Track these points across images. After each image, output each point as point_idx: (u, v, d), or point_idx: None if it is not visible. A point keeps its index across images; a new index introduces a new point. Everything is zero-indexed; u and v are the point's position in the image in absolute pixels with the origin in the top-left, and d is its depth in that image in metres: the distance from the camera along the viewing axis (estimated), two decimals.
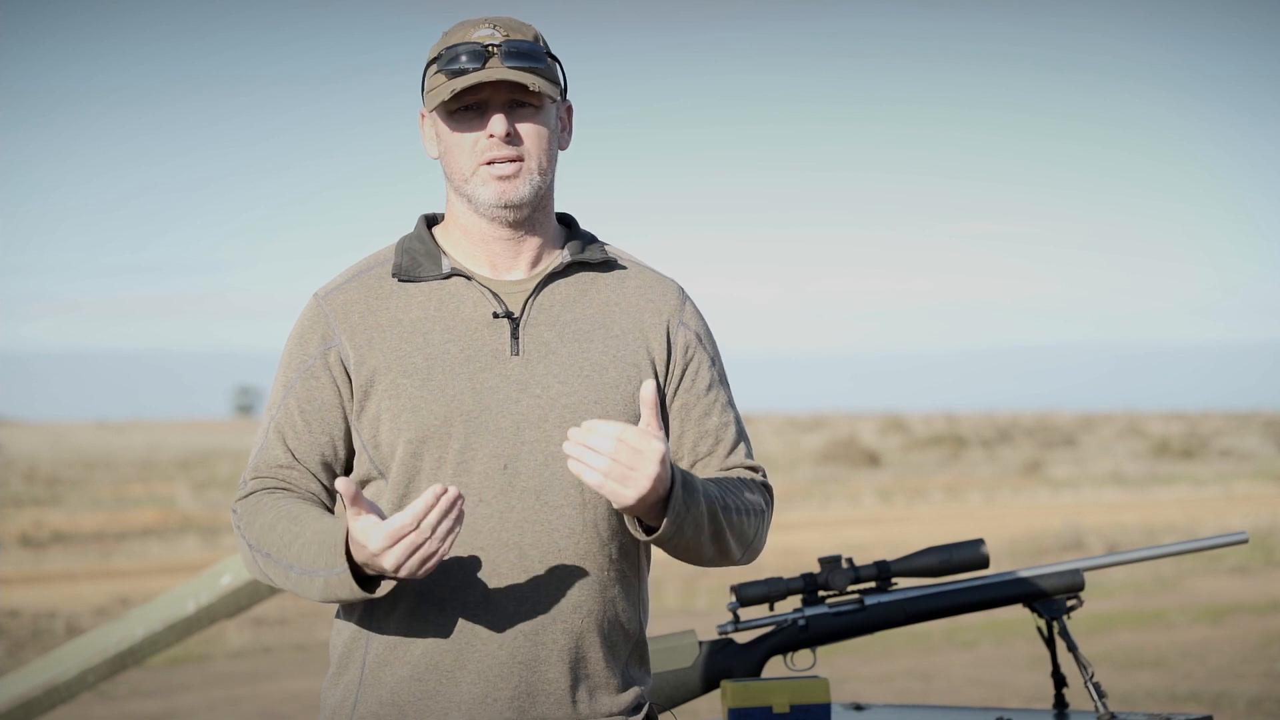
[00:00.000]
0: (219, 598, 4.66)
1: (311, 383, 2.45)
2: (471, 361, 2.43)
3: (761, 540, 2.50)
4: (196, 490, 26.77)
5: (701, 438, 2.51)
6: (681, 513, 2.33)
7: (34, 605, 12.86)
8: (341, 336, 2.45)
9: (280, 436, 2.45)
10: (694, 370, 2.52)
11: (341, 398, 2.45)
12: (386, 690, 2.41)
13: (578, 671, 2.42)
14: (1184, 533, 17.36)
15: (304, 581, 2.35)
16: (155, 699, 9.21)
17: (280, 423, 2.46)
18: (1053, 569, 3.48)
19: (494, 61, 2.42)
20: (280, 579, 2.39)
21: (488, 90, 2.43)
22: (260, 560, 2.40)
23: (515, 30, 2.45)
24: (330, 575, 2.31)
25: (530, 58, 2.43)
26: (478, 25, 2.45)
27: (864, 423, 55.84)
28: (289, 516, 2.38)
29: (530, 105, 2.45)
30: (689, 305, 2.56)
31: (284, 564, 2.36)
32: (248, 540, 2.41)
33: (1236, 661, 9.87)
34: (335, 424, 2.45)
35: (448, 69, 2.43)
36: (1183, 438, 41.67)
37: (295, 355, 2.48)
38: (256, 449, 2.48)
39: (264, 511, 2.40)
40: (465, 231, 2.50)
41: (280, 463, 2.45)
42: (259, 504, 2.42)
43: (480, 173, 2.44)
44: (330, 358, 2.45)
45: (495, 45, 2.42)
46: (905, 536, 17.15)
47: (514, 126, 2.44)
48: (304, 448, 2.44)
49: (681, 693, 3.41)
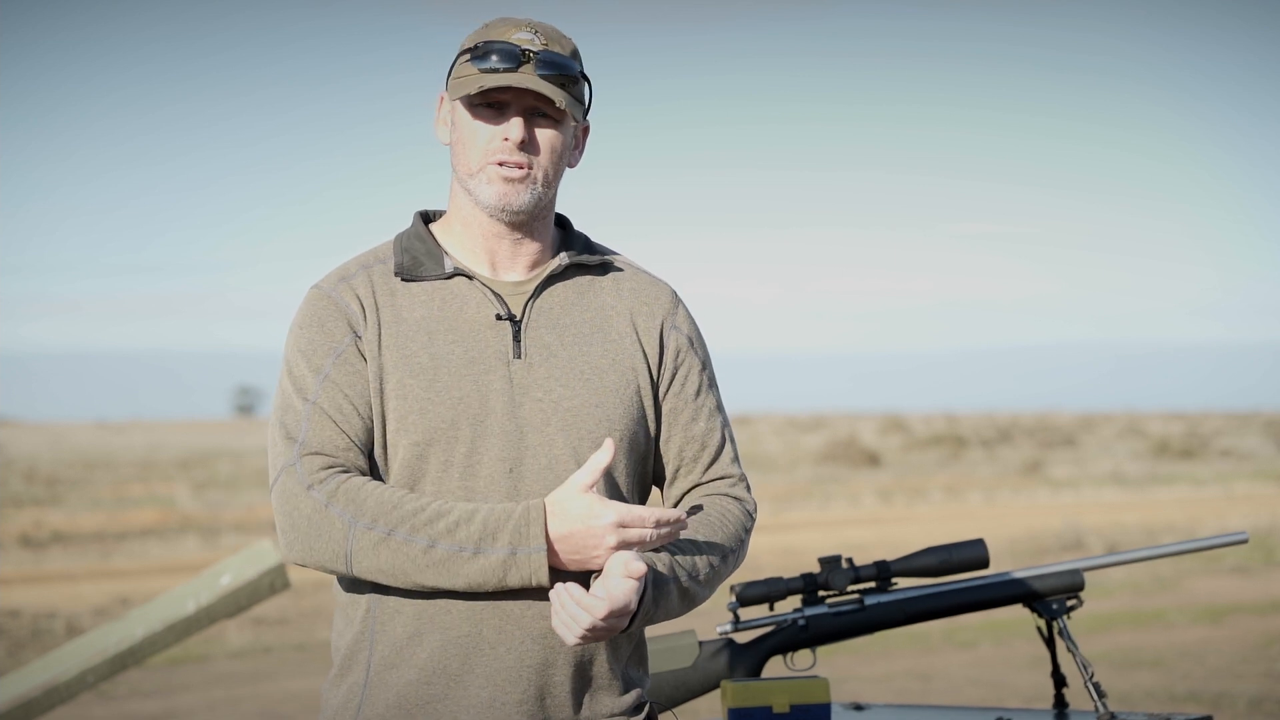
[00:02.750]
0: (219, 598, 4.66)
1: (347, 368, 2.42)
2: (476, 364, 2.43)
3: (739, 562, 2.53)
4: (196, 490, 26.76)
5: (688, 442, 2.52)
6: (650, 611, 2.37)
7: (34, 605, 12.86)
8: (361, 328, 2.44)
9: (329, 419, 2.40)
10: (684, 374, 2.53)
11: (369, 385, 2.43)
12: (393, 693, 2.40)
13: (584, 674, 2.42)
14: (1184, 533, 17.36)
15: (452, 561, 2.32)
16: (155, 699, 9.21)
17: (325, 406, 2.41)
18: (1052, 569, 3.48)
19: (527, 68, 2.41)
20: (398, 559, 2.33)
21: (512, 93, 2.43)
22: (368, 540, 2.33)
23: (555, 41, 2.45)
24: (516, 554, 2.32)
25: (563, 71, 2.43)
26: (520, 26, 2.45)
27: (864, 423, 55.84)
28: (413, 498, 2.35)
29: (550, 117, 2.45)
30: (681, 309, 2.57)
31: (420, 542, 2.33)
32: (349, 517, 2.34)
33: (1236, 662, 9.87)
34: (374, 409, 2.42)
35: (480, 64, 2.42)
36: (1183, 438, 41.67)
37: (320, 343, 2.44)
38: (301, 430, 2.41)
39: (370, 489, 2.36)
40: (466, 225, 2.50)
41: (339, 444, 2.40)
42: (355, 481, 2.37)
43: (487, 171, 2.44)
44: (361, 346, 2.44)
45: (532, 51, 2.42)
46: (905, 536, 17.15)
47: (530, 133, 2.44)
48: (356, 430, 2.41)
49: (681, 693, 3.41)
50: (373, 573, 2.36)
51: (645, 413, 2.49)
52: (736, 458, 2.56)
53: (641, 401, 2.48)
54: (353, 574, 2.37)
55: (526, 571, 2.33)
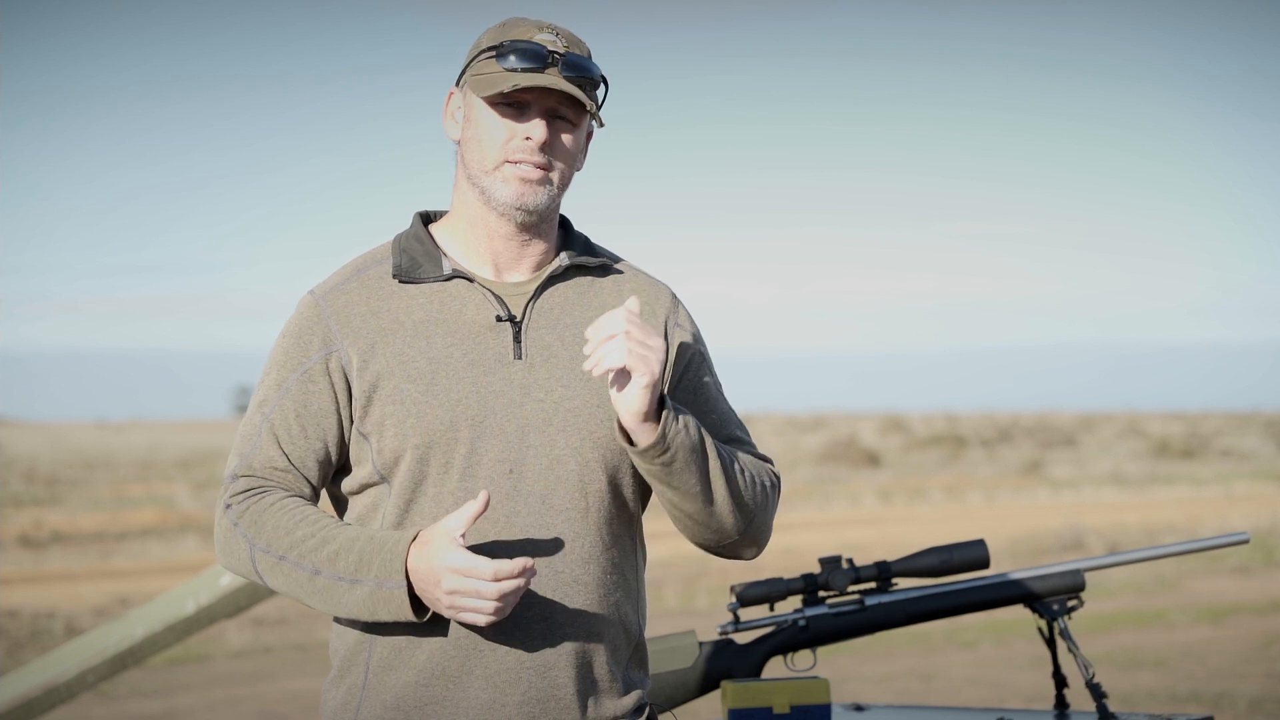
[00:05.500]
0: (219, 598, 4.65)
1: (309, 386, 2.43)
2: (475, 366, 2.43)
3: (767, 517, 2.47)
4: (196, 490, 26.75)
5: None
6: (673, 426, 2.32)
7: (34, 605, 12.86)
8: (343, 341, 2.43)
9: (274, 438, 2.42)
10: (693, 371, 2.52)
11: (339, 403, 2.43)
12: (391, 695, 2.40)
13: (584, 676, 2.41)
14: (1184, 533, 17.36)
15: (333, 590, 2.32)
16: (155, 699, 9.20)
17: (275, 424, 2.43)
18: (1053, 569, 3.47)
19: (553, 70, 2.41)
20: (290, 584, 2.35)
21: (535, 94, 2.43)
22: (265, 562, 2.36)
23: (574, 44, 2.45)
24: (381, 588, 2.29)
25: (587, 74, 2.43)
26: (541, 28, 2.44)
27: (864, 423, 55.83)
28: (310, 521, 2.36)
29: (568, 120, 2.45)
30: (681, 308, 2.57)
31: (306, 569, 2.33)
32: (250, 540, 2.38)
33: (1237, 662, 9.87)
34: (330, 429, 2.43)
35: (506, 63, 2.41)
36: (1183, 438, 41.66)
37: (292, 355, 2.45)
38: (247, 445, 2.44)
39: (273, 512, 2.37)
40: (471, 224, 2.48)
41: (275, 465, 2.42)
42: (264, 503, 2.39)
43: (504, 170, 2.43)
44: (331, 363, 2.43)
45: (558, 53, 2.42)
46: (905, 537, 17.15)
47: (551, 136, 2.43)
48: (299, 452, 2.42)
49: (681, 693, 3.41)
50: (282, 592, 2.38)
51: None
52: (754, 445, 2.55)
53: None
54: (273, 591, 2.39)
55: (393, 605, 2.30)
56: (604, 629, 2.43)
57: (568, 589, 2.39)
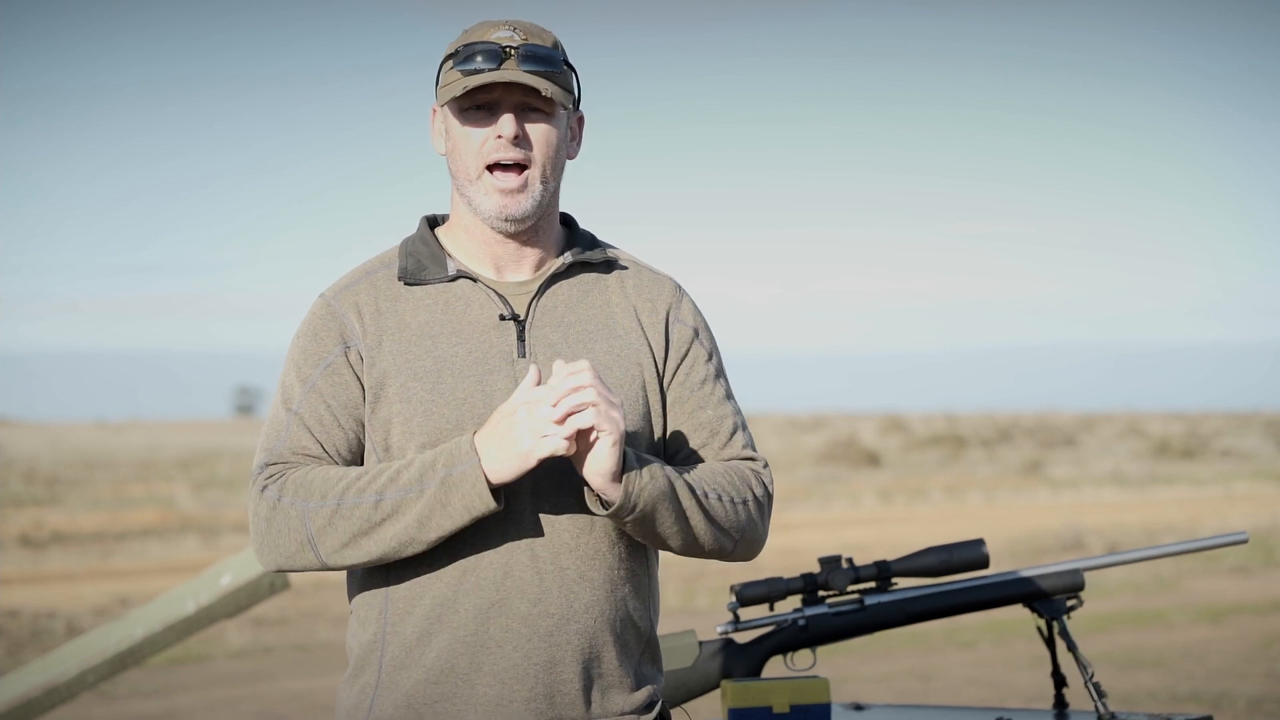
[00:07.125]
0: (219, 598, 4.66)
1: (334, 379, 2.44)
2: (480, 364, 2.44)
3: (756, 531, 2.48)
4: (196, 490, 26.76)
5: (696, 430, 2.51)
6: (636, 483, 2.32)
7: (34, 605, 12.86)
8: (357, 337, 2.45)
9: (306, 429, 2.43)
10: (689, 364, 2.53)
11: (364, 395, 2.44)
12: (402, 693, 2.41)
13: (592, 671, 2.42)
14: (1184, 533, 17.36)
15: (401, 507, 2.32)
16: (155, 699, 9.21)
17: (305, 416, 2.44)
18: (1053, 569, 3.48)
19: (510, 63, 2.42)
20: (352, 526, 2.33)
21: (500, 91, 2.44)
22: (322, 516, 2.34)
23: (534, 35, 2.46)
24: (451, 473, 2.30)
25: (546, 63, 2.43)
26: (498, 26, 2.46)
27: (864, 423, 55.84)
28: (360, 468, 2.37)
29: (541, 110, 2.45)
30: (685, 300, 2.57)
31: (369, 498, 2.33)
32: (300, 503, 2.36)
33: (1237, 662, 9.88)
34: (358, 420, 2.44)
35: (463, 66, 2.43)
36: (1183, 438, 41.66)
37: (312, 353, 2.46)
38: (275, 439, 2.44)
39: (320, 471, 2.37)
40: (469, 232, 2.51)
41: (309, 452, 2.43)
42: (305, 469, 2.39)
43: (484, 180, 2.45)
44: (351, 356, 2.45)
45: (513, 47, 2.43)
46: (905, 536, 17.15)
47: (523, 129, 2.44)
48: (333, 440, 2.43)
49: (681, 693, 3.41)
50: (341, 552, 2.36)
51: (651, 408, 2.49)
52: (751, 443, 2.55)
53: (647, 397, 2.48)
54: (325, 562, 2.37)
55: (465, 487, 2.31)
56: (612, 625, 2.43)
57: (574, 585, 2.40)
